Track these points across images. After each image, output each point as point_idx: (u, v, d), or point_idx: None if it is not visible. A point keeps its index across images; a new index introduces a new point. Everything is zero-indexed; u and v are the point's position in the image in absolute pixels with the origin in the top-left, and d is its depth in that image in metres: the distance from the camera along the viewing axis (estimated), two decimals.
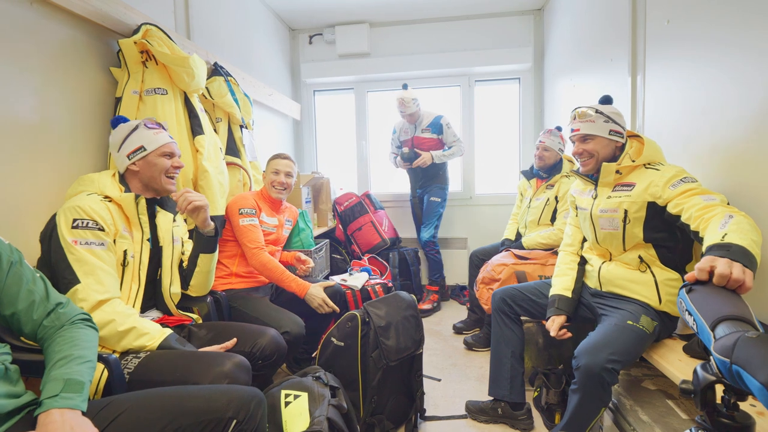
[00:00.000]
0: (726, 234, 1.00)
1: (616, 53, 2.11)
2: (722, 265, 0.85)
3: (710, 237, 1.03)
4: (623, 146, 1.52)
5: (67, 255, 1.11)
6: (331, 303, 1.83)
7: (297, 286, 1.84)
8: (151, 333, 1.18)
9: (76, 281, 1.11)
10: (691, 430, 0.77)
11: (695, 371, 0.75)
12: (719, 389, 0.72)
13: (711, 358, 0.70)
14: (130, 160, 1.32)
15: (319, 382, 1.21)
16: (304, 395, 1.13)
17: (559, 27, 3.06)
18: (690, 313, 0.82)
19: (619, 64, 2.09)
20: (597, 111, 1.52)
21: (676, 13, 1.63)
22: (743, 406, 0.73)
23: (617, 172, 1.48)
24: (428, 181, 3.25)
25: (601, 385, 1.23)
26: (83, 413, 0.83)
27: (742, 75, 1.31)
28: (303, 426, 1.05)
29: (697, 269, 0.88)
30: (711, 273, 0.87)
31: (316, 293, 1.83)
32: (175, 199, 1.38)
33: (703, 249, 1.01)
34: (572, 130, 1.57)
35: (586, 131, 1.52)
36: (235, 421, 0.91)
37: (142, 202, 1.29)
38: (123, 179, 1.34)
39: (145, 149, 1.33)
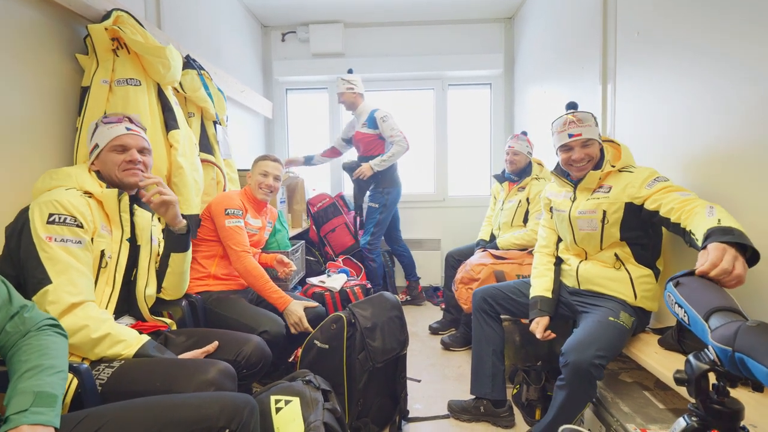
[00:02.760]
0: (720, 219, 1.06)
1: (587, 62, 2.20)
2: (727, 261, 0.91)
3: (704, 224, 1.08)
4: (601, 150, 1.58)
5: (38, 252, 1.02)
6: (306, 324, 1.73)
7: (278, 298, 1.75)
8: (128, 340, 1.09)
9: (47, 281, 1.01)
10: (684, 417, 0.80)
11: (688, 361, 0.78)
12: (710, 377, 0.76)
13: (709, 347, 0.74)
14: (90, 160, 1.25)
15: (310, 386, 1.16)
16: (296, 400, 1.09)
17: (530, 35, 3.17)
18: (681, 306, 0.86)
19: (589, 73, 2.19)
20: (592, 115, 1.55)
21: (646, 26, 1.72)
22: None
23: (599, 177, 1.54)
24: (371, 186, 3.06)
25: (588, 380, 1.27)
26: (56, 430, 0.75)
27: (710, 84, 1.39)
28: None
29: (710, 264, 0.92)
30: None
31: (294, 310, 1.73)
32: (143, 185, 1.26)
33: (700, 235, 1.06)
34: (570, 136, 1.53)
35: (589, 135, 1.52)
36: (227, 430, 0.86)
37: (125, 200, 1.20)
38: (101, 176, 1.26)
39: (98, 146, 1.25)
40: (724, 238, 0.98)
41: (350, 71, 3.07)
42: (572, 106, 1.64)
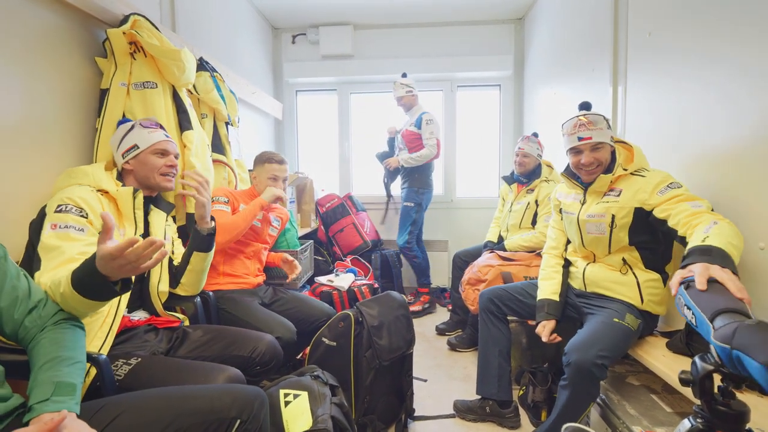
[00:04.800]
0: (707, 237, 1.05)
1: (598, 63, 2.20)
2: (700, 271, 0.92)
3: (693, 240, 1.10)
4: (613, 153, 1.54)
5: (39, 242, 1.07)
6: (283, 193, 1.89)
7: (255, 207, 1.80)
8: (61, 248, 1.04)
9: (38, 268, 1.04)
10: (689, 418, 0.81)
11: (694, 362, 0.79)
12: (716, 379, 0.76)
13: (711, 347, 0.75)
14: (124, 159, 1.33)
15: (318, 381, 1.19)
16: (304, 394, 1.11)
17: (540, 37, 3.17)
18: (689, 308, 0.86)
19: (600, 74, 2.18)
20: (604, 118, 1.51)
21: (657, 27, 1.72)
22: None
23: (610, 181, 1.51)
24: (405, 183, 3.19)
25: (590, 380, 1.27)
26: (77, 416, 0.79)
27: (724, 87, 1.38)
28: (305, 425, 1.03)
29: (677, 276, 0.95)
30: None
31: (268, 194, 1.84)
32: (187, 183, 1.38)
33: (685, 251, 1.07)
34: (580, 139, 1.50)
35: (599, 139, 1.48)
36: (239, 420, 0.89)
37: (140, 197, 1.26)
38: (120, 176, 1.33)
39: (138, 147, 1.33)
40: (699, 258, 0.98)
41: (404, 75, 3.18)
42: (585, 106, 1.60)
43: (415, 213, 3.13)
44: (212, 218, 1.45)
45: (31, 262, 1.10)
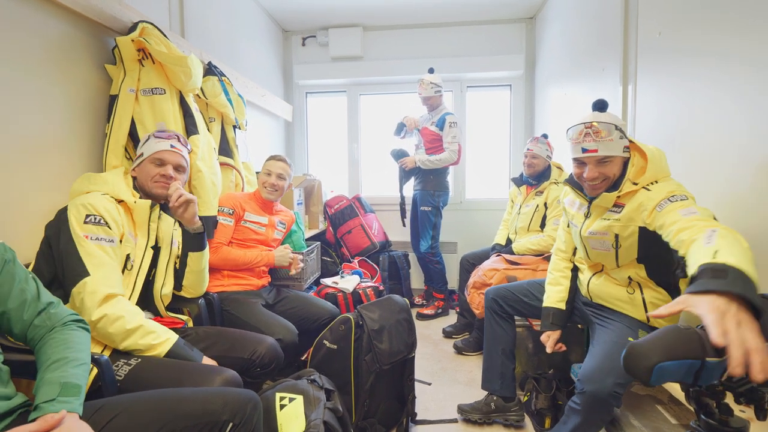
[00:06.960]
0: (717, 251, 0.84)
1: (608, 63, 2.16)
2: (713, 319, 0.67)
3: (698, 255, 0.86)
4: (626, 164, 1.38)
5: (78, 248, 1.12)
6: (296, 257, 1.96)
7: (266, 258, 1.90)
8: (158, 332, 1.17)
9: (86, 273, 1.11)
10: None
11: None
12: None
13: None
14: (132, 166, 1.38)
15: (314, 385, 1.20)
16: (300, 398, 1.13)
17: (551, 36, 3.12)
18: None
19: (610, 74, 2.14)
20: (617, 128, 1.32)
21: (668, 26, 1.67)
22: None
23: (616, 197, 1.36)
24: (419, 185, 3.13)
25: (606, 408, 1.21)
26: (79, 416, 0.81)
27: (735, 86, 1.34)
28: (299, 429, 1.05)
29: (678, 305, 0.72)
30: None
31: (281, 257, 1.92)
32: (170, 193, 1.37)
33: (694, 270, 0.84)
34: (584, 150, 1.34)
35: (606, 153, 1.31)
36: (231, 424, 0.90)
37: (157, 211, 1.31)
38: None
39: (143, 156, 1.37)
40: (711, 284, 0.74)
41: (431, 71, 3.02)
42: (599, 106, 1.38)
43: (434, 216, 3.04)
44: (214, 223, 1.47)
45: (47, 262, 1.16)
